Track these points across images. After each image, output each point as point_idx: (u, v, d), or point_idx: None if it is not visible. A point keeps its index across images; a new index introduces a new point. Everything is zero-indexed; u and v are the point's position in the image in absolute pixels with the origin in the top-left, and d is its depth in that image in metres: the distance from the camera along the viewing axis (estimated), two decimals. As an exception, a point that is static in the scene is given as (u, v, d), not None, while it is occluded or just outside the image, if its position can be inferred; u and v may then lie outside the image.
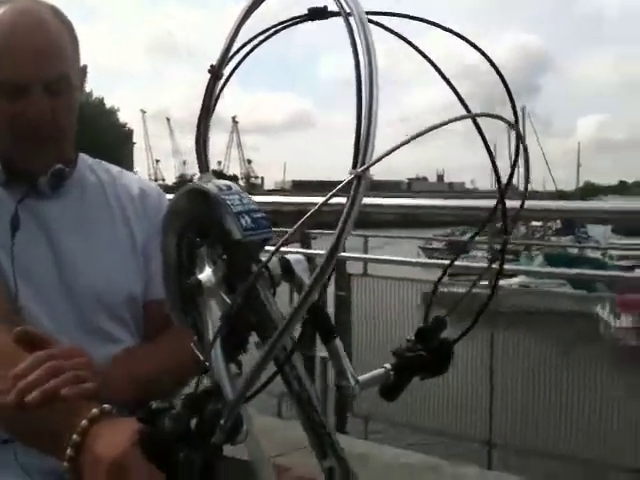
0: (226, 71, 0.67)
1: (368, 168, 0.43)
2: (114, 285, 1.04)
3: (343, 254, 3.18)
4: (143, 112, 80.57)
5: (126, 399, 0.85)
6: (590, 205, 3.30)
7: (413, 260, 3.93)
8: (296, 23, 0.62)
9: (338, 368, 0.65)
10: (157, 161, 79.01)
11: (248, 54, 0.65)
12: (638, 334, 5.41)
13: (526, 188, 0.67)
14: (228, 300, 0.61)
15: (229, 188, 0.61)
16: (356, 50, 0.46)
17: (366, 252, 3.78)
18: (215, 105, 0.66)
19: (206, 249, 0.64)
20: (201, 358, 0.67)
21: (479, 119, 0.59)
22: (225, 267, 0.61)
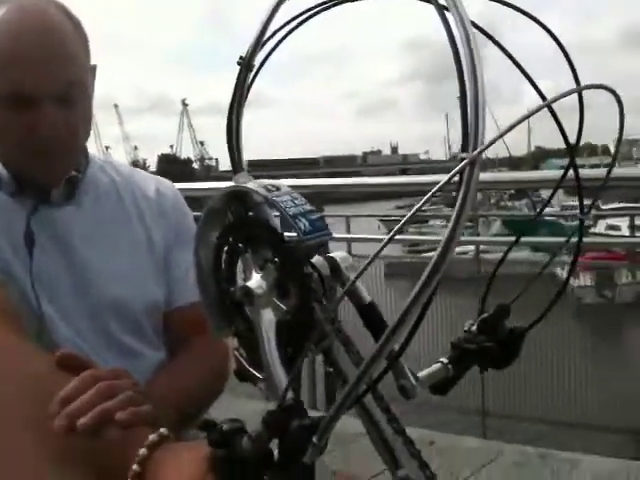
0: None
1: (481, 152, 0.39)
2: (133, 294, 0.98)
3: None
4: (89, 99, 78.54)
5: (170, 420, 0.80)
6: (544, 174, 3.39)
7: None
8: (334, 5, 0.58)
9: (396, 367, 0.62)
10: (107, 148, 77.35)
11: (280, 42, 0.61)
12: (596, 292, 5.59)
13: (614, 159, 0.65)
14: (283, 306, 0.58)
15: (277, 188, 0.57)
16: (446, 21, 0.42)
17: (349, 232, 3.75)
18: (246, 98, 0.62)
19: (250, 255, 0.60)
20: (248, 367, 0.63)
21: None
22: (276, 272, 0.57)
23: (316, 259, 0.60)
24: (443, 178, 0.40)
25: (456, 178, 0.41)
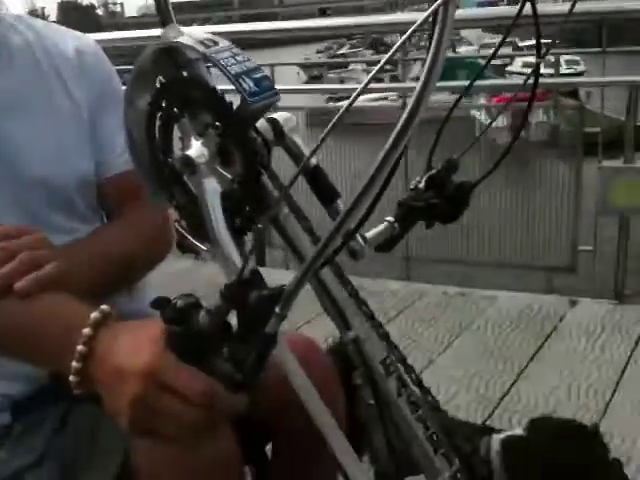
0: None
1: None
2: (62, 171, 0.90)
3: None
4: None
5: (93, 284, 0.78)
6: (496, 11, 3.36)
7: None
8: None
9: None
10: (-1, -3, 69.24)
11: None
12: (510, 132, 5.76)
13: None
14: (227, 175, 0.54)
15: (215, 43, 0.51)
16: None
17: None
18: None
19: (188, 120, 0.55)
20: (191, 240, 0.61)
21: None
22: (218, 138, 0.53)
23: (259, 122, 0.56)
24: (409, 18, 0.37)
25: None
